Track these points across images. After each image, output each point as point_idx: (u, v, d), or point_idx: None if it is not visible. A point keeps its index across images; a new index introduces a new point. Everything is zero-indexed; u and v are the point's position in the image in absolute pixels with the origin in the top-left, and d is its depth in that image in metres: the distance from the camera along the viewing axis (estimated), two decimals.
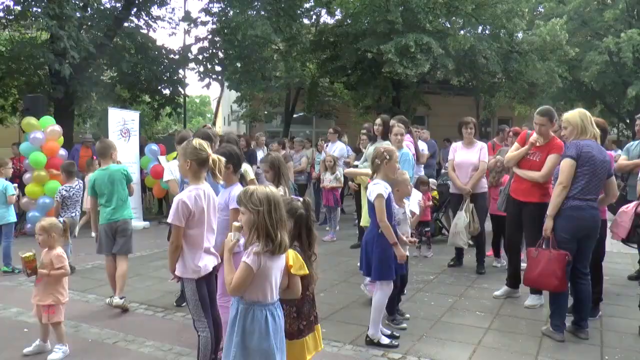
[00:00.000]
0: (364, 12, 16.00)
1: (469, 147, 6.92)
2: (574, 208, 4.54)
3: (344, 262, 7.64)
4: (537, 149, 5.35)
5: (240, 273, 2.78)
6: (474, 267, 6.98)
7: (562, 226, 4.60)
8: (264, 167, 4.62)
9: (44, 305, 4.33)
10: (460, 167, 6.90)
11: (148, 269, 6.85)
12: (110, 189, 5.75)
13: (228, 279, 2.84)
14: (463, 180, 6.79)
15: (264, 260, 2.79)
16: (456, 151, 7.03)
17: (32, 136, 9.67)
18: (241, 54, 15.93)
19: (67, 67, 11.71)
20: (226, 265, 2.90)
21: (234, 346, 2.83)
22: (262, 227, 2.79)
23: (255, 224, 2.80)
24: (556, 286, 4.68)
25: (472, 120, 6.96)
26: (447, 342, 4.63)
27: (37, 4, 12.18)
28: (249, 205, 2.81)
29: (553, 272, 4.60)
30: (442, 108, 20.82)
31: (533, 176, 5.30)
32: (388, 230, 4.37)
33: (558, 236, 4.62)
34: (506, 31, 17.11)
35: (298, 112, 21.27)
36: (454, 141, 7.66)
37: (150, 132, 22.57)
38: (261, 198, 2.81)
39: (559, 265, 4.57)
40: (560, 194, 4.59)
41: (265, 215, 2.78)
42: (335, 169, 9.53)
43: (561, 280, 4.58)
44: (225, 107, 31.60)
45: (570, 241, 4.59)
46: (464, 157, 6.90)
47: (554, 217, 4.63)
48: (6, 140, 18.06)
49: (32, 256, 4.26)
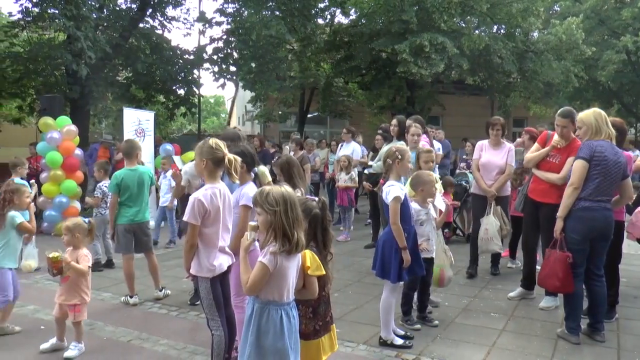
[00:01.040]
0: (379, 11, 15.96)
1: (496, 148, 6.63)
2: (585, 209, 4.50)
3: (358, 262, 7.62)
4: (558, 150, 5.30)
5: (256, 272, 2.79)
6: (487, 269, 6.92)
7: (573, 227, 4.56)
8: (276, 171, 4.64)
9: (69, 304, 4.40)
10: (485, 168, 6.62)
11: (162, 267, 6.88)
12: (138, 190, 5.86)
13: (244, 278, 2.84)
14: (488, 182, 6.53)
15: (281, 260, 2.80)
16: (482, 150, 6.70)
17: (49, 136, 9.76)
18: (255, 54, 15.96)
19: (84, 68, 11.83)
20: (242, 264, 2.90)
21: (248, 345, 2.83)
22: (279, 227, 2.80)
23: (272, 225, 2.80)
24: (557, 287, 4.68)
25: (499, 121, 6.66)
26: (461, 343, 4.61)
27: (55, 5, 12.31)
28: (265, 205, 2.81)
29: (555, 273, 4.59)
30: (457, 108, 20.71)
31: (551, 178, 5.25)
32: (399, 233, 4.35)
33: (569, 237, 4.59)
34: (521, 30, 16.97)
35: (312, 112, 21.25)
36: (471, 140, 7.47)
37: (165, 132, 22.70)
38: (277, 198, 2.82)
39: (560, 266, 4.56)
40: (572, 195, 4.55)
41: (282, 215, 2.80)
42: (350, 169, 9.53)
43: (563, 281, 4.56)
44: (239, 107, 31.67)
45: (581, 242, 4.55)
46: (490, 157, 6.60)
47: (564, 218, 4.60)
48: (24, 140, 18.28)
49: (58, 257, 4.32)
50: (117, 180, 5.81)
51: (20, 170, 7.45)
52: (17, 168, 7.43)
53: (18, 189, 5.02)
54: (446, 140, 11.40)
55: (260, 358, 2.82)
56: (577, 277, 4.58)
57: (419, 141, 6.61)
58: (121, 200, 5.83)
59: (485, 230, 6.24)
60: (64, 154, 9.78)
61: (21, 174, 7.47)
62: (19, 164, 7.49)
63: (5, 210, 4.92)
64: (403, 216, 4.40)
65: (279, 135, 21.68)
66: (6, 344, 4.65)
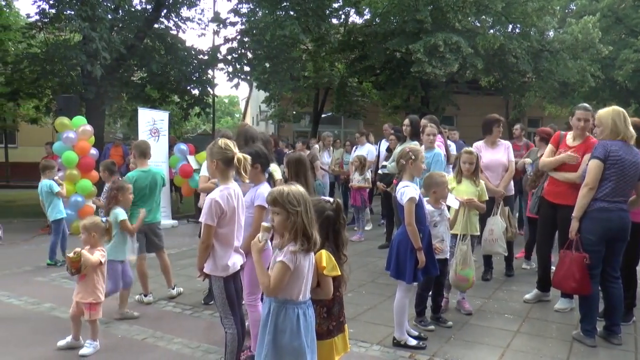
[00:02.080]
0: (393, 11, 15.93)
1: (494, 147, 6.55)
2: (601, 210, 4.46)
3: (371, 263, 7.61)
4: (574, 149, 5.22)
5: (278, 273, 2.79)
6: (502, 270, 6.87)
7: (589, 228, 4.52)
8: (285, 166, 4.65)
9: (85, 302, 4.44)
10: (489, 168, 6.46)
11: (176, 267, 6.94)
12: (150, 191, 5.91)
13: (264, 280, 2.82)
14: (494, 182, 6.40)
15: (299, 259, 2.80)
16: (481, 152, 6.45)
17: (65, 136, 9.86)
18: (270, 54, 15.99)
19: (99, 68, 11.94)
20: (258, 267, 2.88)
21: (265, 344, 2.84)
22: (300, 227, 2.81)
23: (294, 224, 2.81)
24: (574, 289, 4.63)
25: (502, 119, 6.68)
26: (475, 344, 4.58)
27: (71, 6, 12.44)
28: (287, 205, 2.81)
29: (572, 274, 4.55)
30: (471, 108, 20.59)
31: (570, 177, 5.16)
32: (414, 234, 4.33)
33: (584, 238, 4.55)
34: (537, 29, 16.85)
35: (326, 112, 21.25)
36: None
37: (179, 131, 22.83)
38: (298, 198, 2.83)
39: (577, 267, 4.52)
40: (587, 195, 4.50)
41: (303, 215, 2.82)
42: (364, 170, 9.52)
43: (579, 282, 4.52)
44: (253, 107, 31.79)
45: (596, 243, 4.50)
46: (492, 157, 6.50)
47: (580, 218, 4.56)
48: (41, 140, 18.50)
49: (77, 257, 4.37)
50: (130, 182, 5.85)
51: (49, 174, 7.54)
52: (47, 171, 7.52)
53: (123, 187, 5.24)
54: (460, 141, 11.34)
55: (277, 357, 2.83)
56: (592, 278, 4.53)
57: (434, 141, 6.57)
58: (133, 200, 5.86)
59: (490, 231, 5.98)
60: (79, 154, 9.87)
61: (50, 176, 7.56)
62: (49, 167, 7.59)
63: (110, 206, 5.16)
64: (418, 217, 4.38)
65: (293, 135, 21.69)
66: (24, 341, 4.71)
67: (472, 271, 5.16)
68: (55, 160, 10.33)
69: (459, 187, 5.41)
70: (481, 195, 5.42)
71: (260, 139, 5.09)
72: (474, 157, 5.46)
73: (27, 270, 7.35)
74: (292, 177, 4.44)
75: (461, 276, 5.09)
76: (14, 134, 24.27)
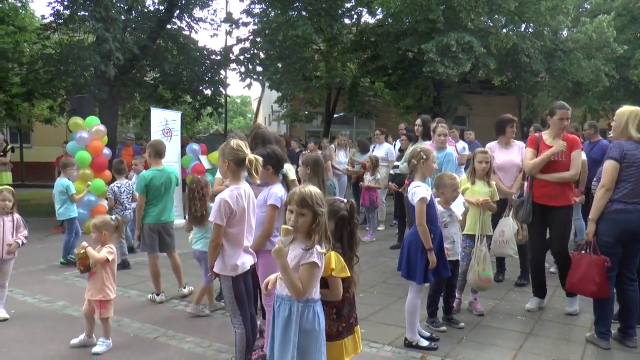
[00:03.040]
0: (405, 11, 15.89)
1: (508, 147, 6.38)
2: (618, 211, 4.41)
3: (383, 263, 7.59)
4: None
5: (310, 274, 2.81)
6: (515, 271, 6.78)
7: (606, 230, 4.47)
8: (301, 165, 4.65)
9: (96, 300, 4.48)
10: (503, 170, 6.31)
11: (188, 266, 6.94)
12: (164, 191, 5.96)
13: (297, 285, 2.78)
14: (507, 183, 6.24)
15: (323, 259, 2.84)
16: (494, 152, 6.33)
17: (78, 135, 9.94)
18: (282, 54, 16.02)
19: (112, 68, 12.02)
20: (286, 273, 2.79)
21: (292, 346, 2.83)
22: (324, 228, 2.84)
23: (321, 225, 2.83)
24: (594, 292, 4.57)
25: (516, 119, 6.58)
26: (487, 346, 4.56)
27: (85, 7, 12.54)
28: (315, 207, 2.82)
29: (592, 277, 4.50)
30: (484, 108, 20.50)
31: (565, 176, 5.15)
32: (425, 234, 4.32)
33: (601, 240, 4.50)
34: (550, 29, 16.73)
35: (338, 112, 21.25)
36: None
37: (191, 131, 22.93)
38: (322, 199, 2.86)
39: (597, 270, 4.46)
40: (603, 196, 4.46)
41: (325, 215, 2.86)
42: (375, 170, 9.51)
43: (599, 286, 4.47)
44: (266, 107, 31.86)
45: (614, 245, 4.46)
46: (506, 158, 6.33)
47: (597, 220, 4.51)
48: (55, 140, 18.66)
49: (83, 253, 4.42)
50: (145, 181, 5.88)
51: (69, 171, 7.60)
52: (67, 168, 7.59)
53: (207, 183, 5.33)
54: (476, 141, 11.29)
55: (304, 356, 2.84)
56: (608, 280, 4.49)
57: (446, 141, 6.54)
58: (147, 200, 5.91)
59: (501, 232, 5.69)
60: (92, 153, 9.95)
61: (70, 174, 7.61)
62: (68, 164, 7.65)
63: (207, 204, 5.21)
64: (429, 217, 4.37)
65: (305, 135, 21.71)
66: (38, 338, 4.75)
67: (491, 271, 5.17)
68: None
69: (473, 188, 5.38)
70: (493, 195, 5.38)
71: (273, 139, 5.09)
72: (488, 156, 5.45)
73: (41, 269, 7.42)
74: (310, 177, 4.44)
75: (484, 277, 5.07)
76: (29, 133, 24.50)
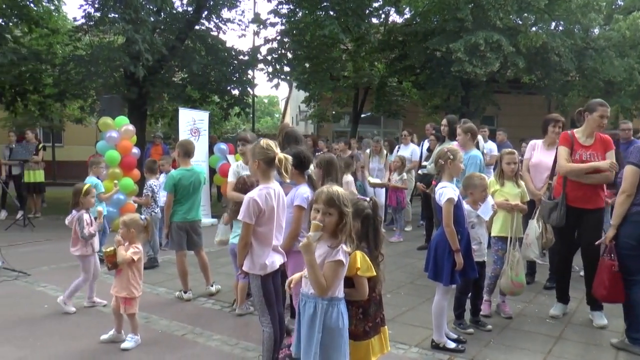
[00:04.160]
0: (433, 10, 15.78)
1: (550, 148, 6.03)
2: None
3: (410, 264, 7.55)
4: (591, 148, 5.02)
5: (335, 272, 2.83)
6: (544, 274, 6.66)
7: (628, 232, 4.41)
8: (316, 166, 4.65)
9: (121, 296, 4.55)
10: (536, 169, 6.14)
11: (216, 264, 7.02)
12: (192, 190, 6.04)
13: (321, 281, 2.81)
14: (537, 184, 6.02)
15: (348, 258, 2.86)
16: (534, 150, 6.23)
17: (108, 135, 10.11)
18: (309, 54, 16.05)
19: (141, 69, 12.19)
20: (313, 268, 2.82)
21: (315, 343, 2.85)
22: (349, 228, 2.86)
23: (347, 225, 2.86)
24: (604, 296, 4.55)
25: (562, 119, 6.28)
26: (515, 349, 4.50)
27: (115, 9, 12.74)
28: (342, 207, 2.84)
29: (602, 281, 4.46)
30: (512, 108, 20.21)
31: (603, 179, 4.98)
32: (452, 235, 4.28)
33: (622, 242, 4.43)
34: (581, 27, 16.41)
35: (366, 112, 21.18)
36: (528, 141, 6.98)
37: (219, 131, 23.11)
38: (348, 200, 2.88)
39: (606, 274, 4.42)
40: (625, 202, 4.38)
41: (351, 216, 2.88)
42: (402, 170, 9.46)
43: (609, 290, 4.42)
44: (293, 107, 31.94)
45: (636, 247, 4.38)
46: (543, 158, 6.08)
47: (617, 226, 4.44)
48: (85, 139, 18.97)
49: (112, 251, 4.51)
50: (174, 180, 5.95)
51: (97, 169, 7.73)
52: (94, 166, 7.72)
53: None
54: (507, 142, 11.16)
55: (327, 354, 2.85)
56: (635, 284, 4.40)
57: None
58: (175, 199, 5.98)
59: (525, 235, 5.49)
60: (122, 153, 10.10)
61: (97, 172, 7.74)
62: (96, 163, 7.79)
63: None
64: (456, 218, 4.33)
65: (332, 135, 21.70)
66: (69, 334, 4.85)
67: (524, 276, 5.11)
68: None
69: (502, 190, 5.31)
70: (523, 196, 5.32)
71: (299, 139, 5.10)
72: (516, 157, 5.37)
73: (73, 265, 7.52)
74: (324, 177, 4.45)
75: (517, 282, 5.01)
76: (60, 133, 25.00)
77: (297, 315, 3.06)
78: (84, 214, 5.53)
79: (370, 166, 10.26)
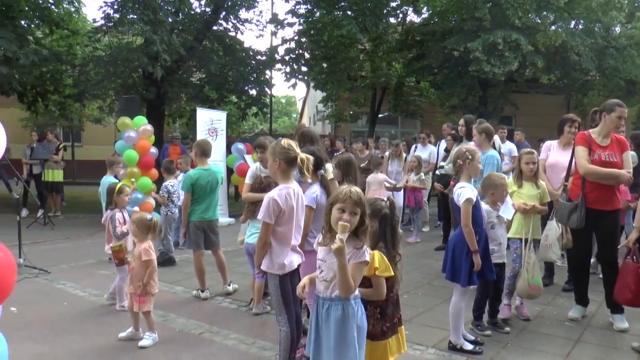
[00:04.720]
0: (451, 9, 15.70)
1: (566, 149, 5.96)
2: None
3: (427, 264, 7.52)
4: (608, 148, 4.93)
5: (361, 274, 2.85)
6: (562, 276, 6.59)
7: None
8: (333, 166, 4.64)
9: (134, 294, 4.58)
10: (553, 169, 6.07)
11: (233, 264, 7.05)
12: (210, 189, 6.07)
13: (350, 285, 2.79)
14: (555, 184, 5.89)
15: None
16: (550, 151, 6.20)
17: (126, 135, 10.18)
18: (327, 54, 16.06)
19: (160, 70, 12.29)
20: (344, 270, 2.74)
21: (353, 343, 2.83)
22: (368, 228, 2.87)
23: (367, 226, 2.86)
24: (629, 300, 4.48)
25: (578, 119, 6.19)
26: (533, 352, 4.45)
27: (134, 11, 12.87)
28: (365, 208, 2.86)
29: (627, 285, 4.39)
30: (530, 108, 20.02)
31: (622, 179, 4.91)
32: (470, 236, 4.25)
33: None
34: (602, 25, 16.20)
35: (383, 112, 21.14)
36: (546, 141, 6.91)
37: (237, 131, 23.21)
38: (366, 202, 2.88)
39: (632, 278, 4.36)
40: None
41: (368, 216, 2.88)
42: (420, 170, 9.43)
43: (635, 293, 4.37)
44: (310, 107, 31.98)
45: None
46: (559, 158, 6.01)
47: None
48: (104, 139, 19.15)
49: (118, 247, 4.57)
50: (191, 180, 5.99)
51: (115, 169, 7.81)
52: (114, 166, 7.81)
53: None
54: (525, 142, 11.07)
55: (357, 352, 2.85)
56: None
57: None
58: (193, 198, 6.02)
59: (545, 237, 5.38)
60: (140, 152, 10.17)
61: (116, 172, 7.83)
62: (115, 162, 7.88)
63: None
64: (474, 219, 4.30)
65: (349, 135, 21.68)
66: (87, 331, 4.90)
67: (540, 279, 5.05)
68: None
69: (520, 191, 5.25)
70: (543, 197, 5.24)
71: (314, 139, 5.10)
72: (535, 156, 5.30)
73: (91, 263, 7.64)
74: (343, 177, 4.45)
75: (534, 285, 4.94)
76: (80, 133, 25.30)
77: (314, 319, 3.01)
78: (116, 212, 5.60)
79: (389, 169, 10.23)
